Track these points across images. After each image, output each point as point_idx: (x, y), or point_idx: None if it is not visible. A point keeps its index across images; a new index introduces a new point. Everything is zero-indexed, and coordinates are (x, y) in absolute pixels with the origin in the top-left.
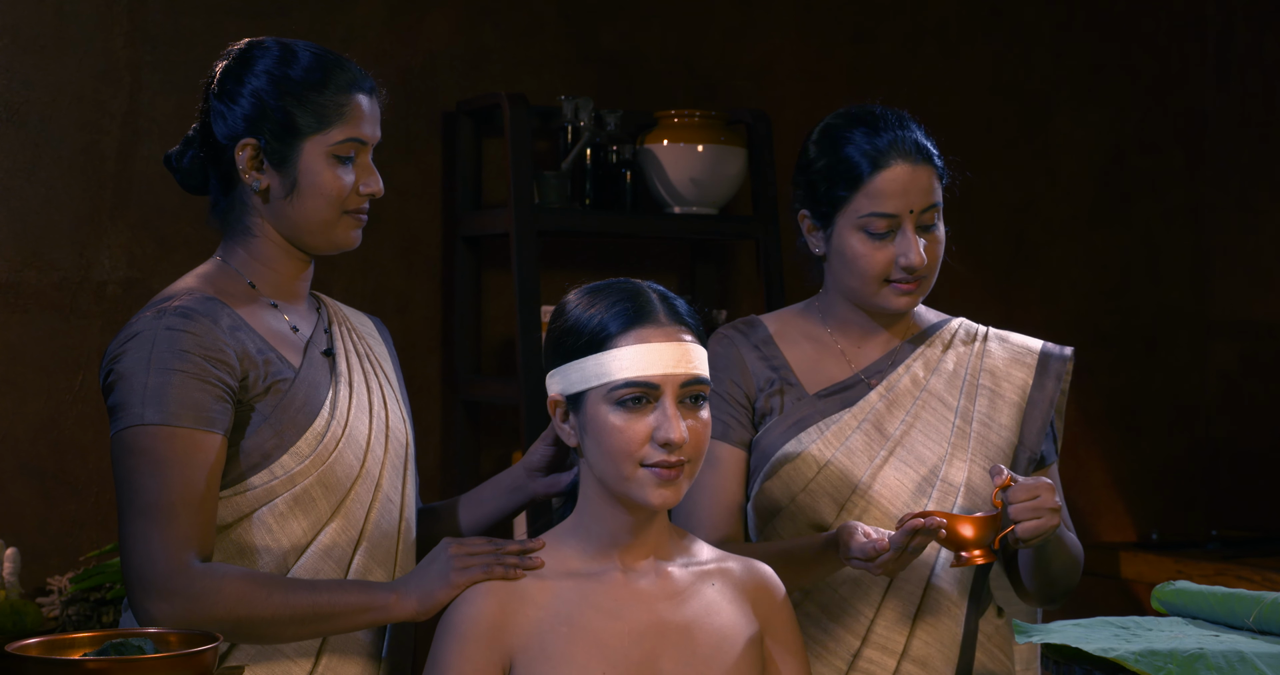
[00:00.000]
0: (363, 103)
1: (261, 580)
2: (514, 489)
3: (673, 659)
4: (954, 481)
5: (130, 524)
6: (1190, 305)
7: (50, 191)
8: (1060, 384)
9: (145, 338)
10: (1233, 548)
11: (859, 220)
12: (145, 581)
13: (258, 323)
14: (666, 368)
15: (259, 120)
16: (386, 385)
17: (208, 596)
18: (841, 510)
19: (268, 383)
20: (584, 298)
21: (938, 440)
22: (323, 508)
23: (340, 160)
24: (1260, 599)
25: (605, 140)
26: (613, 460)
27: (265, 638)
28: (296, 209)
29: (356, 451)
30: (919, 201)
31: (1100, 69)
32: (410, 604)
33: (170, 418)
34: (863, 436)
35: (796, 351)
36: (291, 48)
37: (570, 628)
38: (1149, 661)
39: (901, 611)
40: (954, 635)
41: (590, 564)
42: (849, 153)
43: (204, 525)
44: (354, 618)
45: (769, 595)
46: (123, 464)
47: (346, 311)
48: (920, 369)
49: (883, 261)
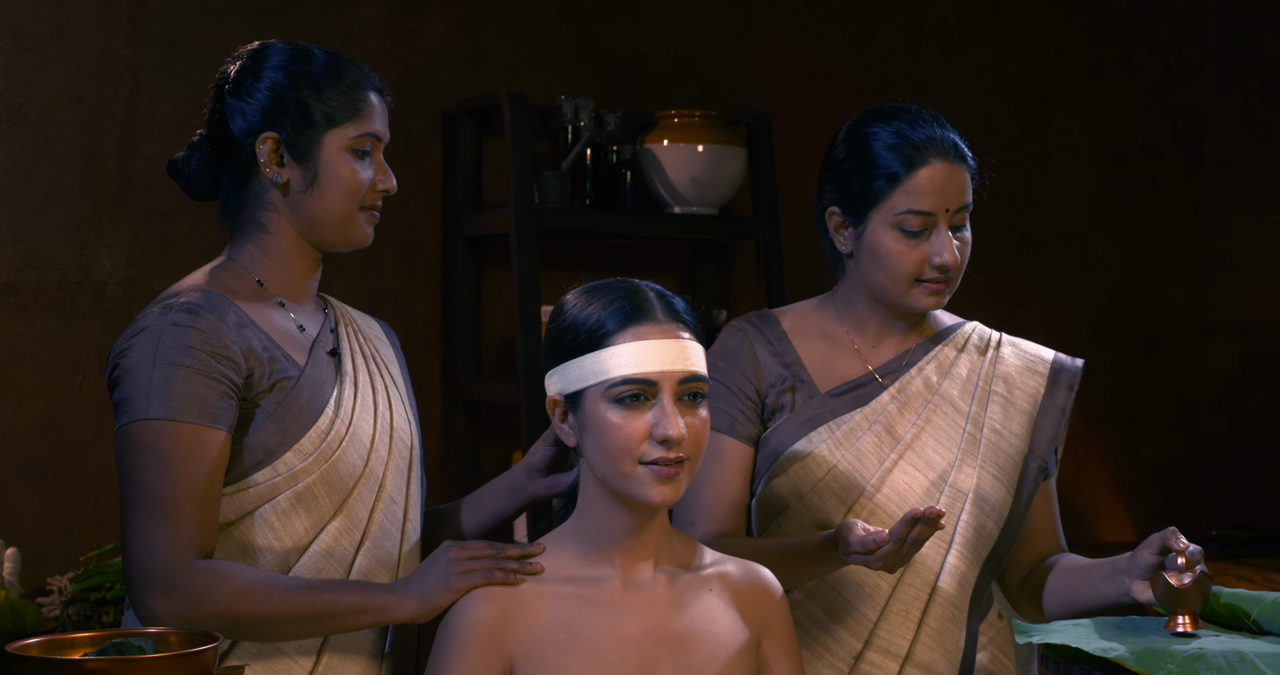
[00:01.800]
0: (375, 100)
1: (263, 578)
2: (515, 490)
3: (670, 666)
4: (962, 487)
5: (132, 519)
6: (1190, 305)
7: (50, 191)
8: (1071, 394)
9: (151, 333)
10: (1233, 548)
11: (895, 217)
12: (146, 577)
13: (264, 320)
14: (664, 365)
15: (279, 113)
16: (392, 387)
17: (209, 593)
18: (848, 512)
19: (272, 380)
20: (582, 297)
21: (948, 445)
22: (325, 507)
23: (359, 155)
24: (1260, 599)
25: (605, 140)
26: (612, 458)
27: (265, 636)
28: (316, 203)
29: (360, 451)
30: (954, 201)
31: (1100, 69)
32: (410, 606)
33: (175, 413)
34: (873, 438)
35: (810, 348)
36: (305, 48)
37: (569, 634)
38: (1149, 661)
39: (905, 614)
40: (957, 639)
41: (590, 569)
42: (886, 150)
43: (206, 522)
44: (354, 618)
45: (767, 599)
46: (126, 459)
47: (354, 314)
48: (933, 372)
49: (916, 260)
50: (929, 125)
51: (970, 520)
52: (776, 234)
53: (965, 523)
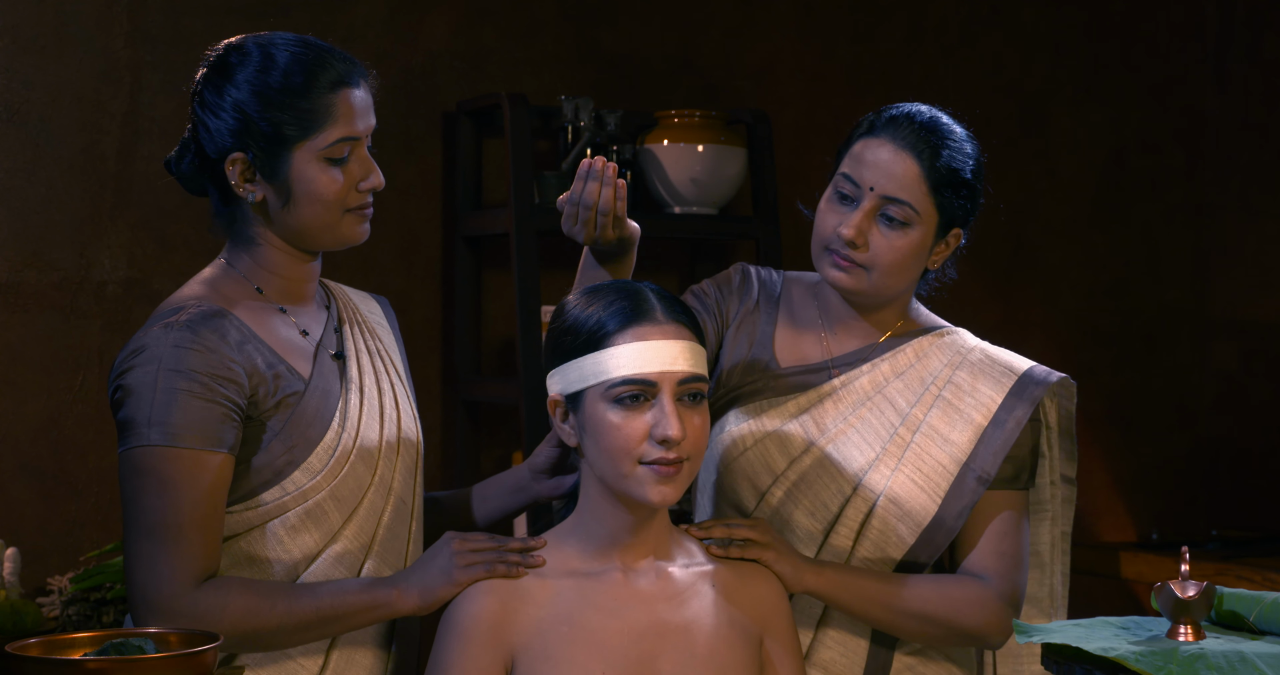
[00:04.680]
0: (351, 96)
1: (265, 591)
2: (518, 490)
3: (671, 659)
4: (874, 488)
5: (135, 544)
6: (1190, 305)
7: (50, 191)
8: (1034, 410)
9: (152, 354)
10: (1233, 548)
11: (835, 178)
12: (150, 604)
13: (266, 331)
14: (664, 365)
15: (244, 134)
16: (397, 382)
17: (213, 615)
18: (761, 499)
19: (278, 398)
20: (582, 298)
21: (872, 444)
22: (335, 519)
23: (333, 162)
24: (1260, 599)
25: (605, 140)
26: (612, 458)
27: (273, 646)
28: (295, 217)
29: (368, 462)
30: (885, 184)
31: (1100, 69)
32: (412, 599)
33: (175, 439)
34: (798, 427)
35: (787, 321)
36: (269, 52)
37: (570, 627)
38: (1149, 661)
39: (806, 613)
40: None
41: (591, 564)
42: (864, 117)
43: (209, 545)
44: (358, 618)
45: (769, 596)
46: (129, 484)
47: (353, 296)
48: (886, 369)
49: (829, 226)
50: (910, 114)
51: (879, 524)
52: (776, 234)
53: (873, 525)
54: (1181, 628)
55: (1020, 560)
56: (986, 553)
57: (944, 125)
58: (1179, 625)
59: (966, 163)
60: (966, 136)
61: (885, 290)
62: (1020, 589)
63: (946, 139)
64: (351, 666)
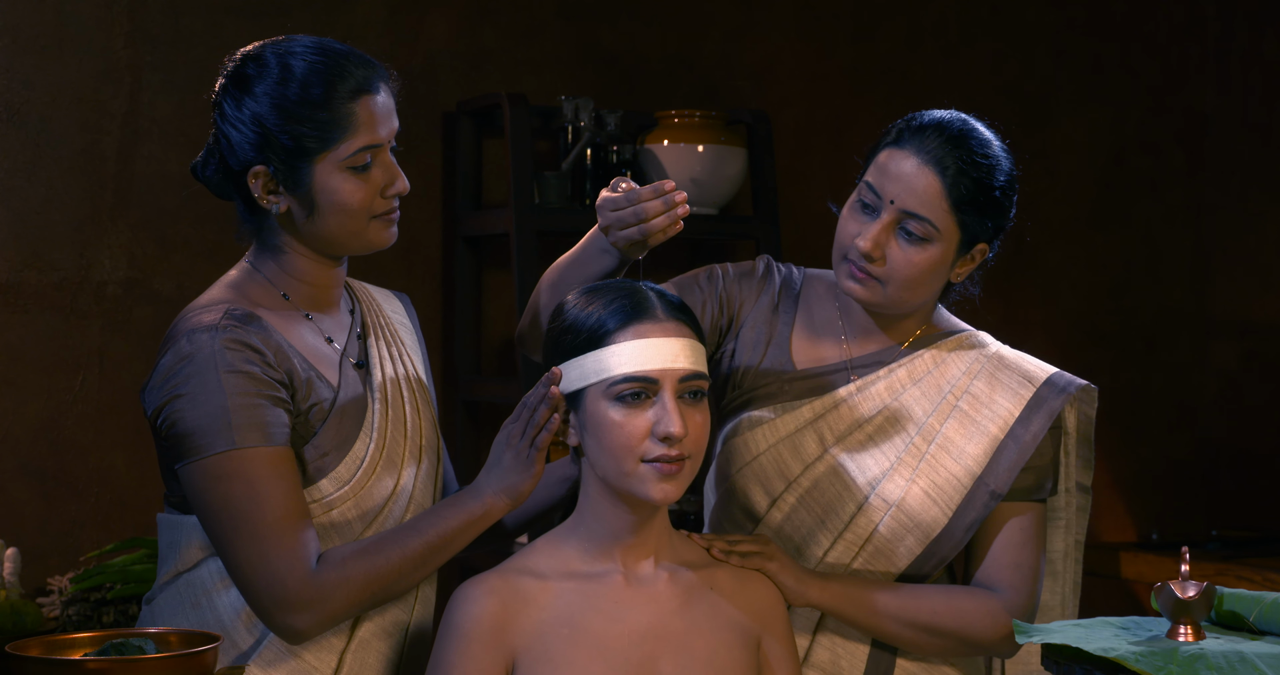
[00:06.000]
0: (372, 103)
1: (374, 548)
2: (566, 479)
3: (672, 662)
4: (888, 498)
5: (242, 551)
6: (1190, 305)
7: (50, 191)
8: (1051, 421)
9: (205, 360)
10: (1233, 548)
11: (859, 185)
12: (278, 600)
13: (295, 338)
14: (665, 362)
15: (264, 147)
16: (419, 389)
17: (341, 589)
18: (773, 504)
19: (311, 402)
20: (582, 297)
21: (887, 452)
22: (357, 528)
23: (356, 170)
24: (1260, 599)
25: (605, 140)
26: (613, 456)
27: (402, 591)
28: (321, 226)
29: (392, 472)
30: (905, 199)
31: (1100, 69)
32: (502, 503)
33: (249, 440)
34: (813, 433)
35: (805, 321)
36: (287, 62)
37: (571, 629)
38: (1149, 661)
39: (805, 615)
40: (860, 646)
41: (592, 565)
42: (894, 123)
43: (308, 528)
44: (462, 536)
45: (767, 598)
46: (212, 493)
47: (376, 295)
48: (903, 375)
49: (848, 234)
50: (939, 123)
51: (887, 532)
52: (776, 234)
53: (881, 534)
54: (1181, 628)
55: (1036, 572)
56: (1002, 565)
57: (975, 139)
58: (1179, 625)
59: (994, 179)
60: (1001, 151)
61: (901, 304)
62: (1035, 601)
63: (974, 154)
64: (365, 669)
